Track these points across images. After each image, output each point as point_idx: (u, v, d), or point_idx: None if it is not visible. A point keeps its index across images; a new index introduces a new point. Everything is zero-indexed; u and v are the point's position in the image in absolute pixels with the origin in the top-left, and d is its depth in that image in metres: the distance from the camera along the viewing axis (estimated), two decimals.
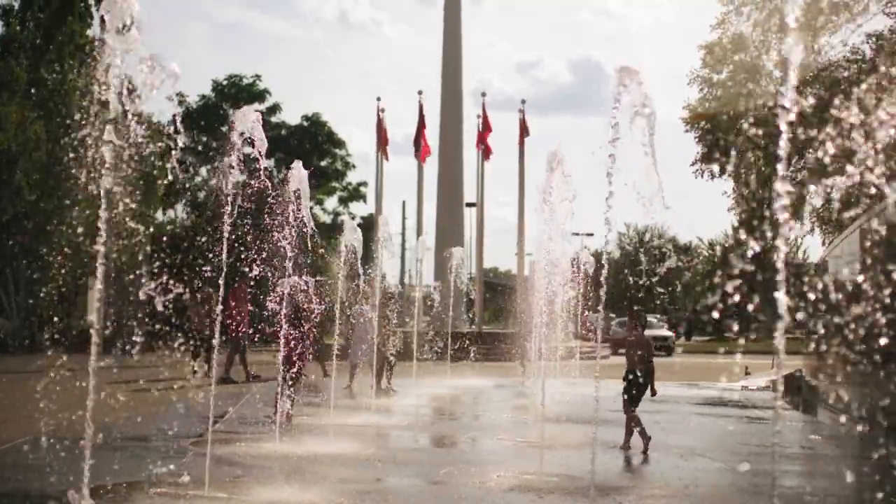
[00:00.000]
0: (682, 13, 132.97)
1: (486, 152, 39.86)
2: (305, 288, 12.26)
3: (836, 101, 3.73)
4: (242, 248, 10.51)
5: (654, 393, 11.77)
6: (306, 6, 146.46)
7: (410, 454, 11.79)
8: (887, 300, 4.86)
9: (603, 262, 8.45)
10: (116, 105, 6.25)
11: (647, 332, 41.94)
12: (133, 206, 6.48)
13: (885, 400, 9.08)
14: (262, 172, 9.38)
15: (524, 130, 39.36)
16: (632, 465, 11.09)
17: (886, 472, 7.31)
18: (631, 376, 11.61)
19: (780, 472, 10.10)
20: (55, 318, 28.01)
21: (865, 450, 9.21)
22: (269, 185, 9.90)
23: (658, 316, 49.48)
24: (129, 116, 6.32)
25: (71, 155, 6.32)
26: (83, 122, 6.24)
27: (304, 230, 10.89)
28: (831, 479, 10.10)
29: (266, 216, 10.93)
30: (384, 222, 20.31)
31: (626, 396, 11.59)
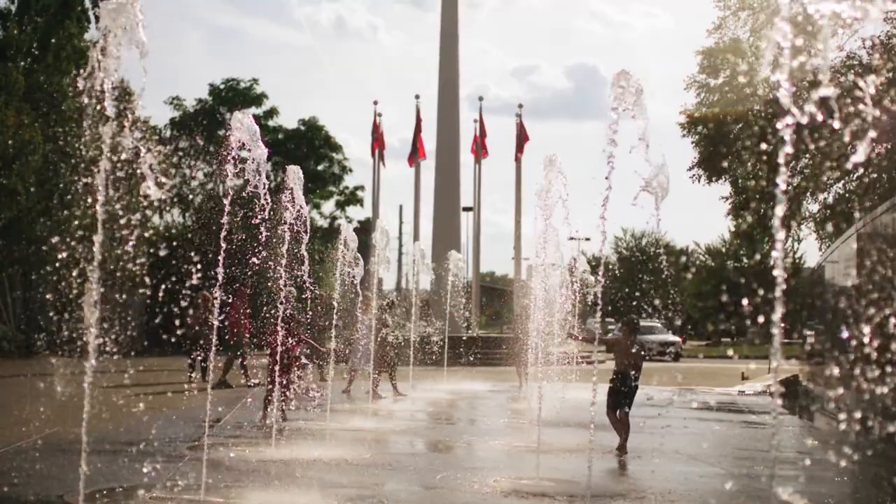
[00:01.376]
0: (680, 19, 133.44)
1: (482, 154, 39.89)
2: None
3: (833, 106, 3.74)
4: (242, 255, 10.53)
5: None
6: (302, 13, 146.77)
7: (407, 459, 11.76)
8: (883, 304, 4.86)
9: (599, 266, 8.42)
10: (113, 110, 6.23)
11: (654, 338, 41.60)
12: (130, 213, 6.46)
13: (883, 404, 9.08)
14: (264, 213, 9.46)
15: (522, 135, 39.37)
16: (629, 469, 11.08)
17: (883, 477, 7.31)
18: (618, 380, 11.70)
19: (778, 477, 10.08)
20: (52, 323, 27.91)
21: (863, 455, 9.20)
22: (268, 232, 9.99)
23: (661, 320, 49.38)
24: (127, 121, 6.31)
25: (65, 156, 6.33)
26: (80, 127, 6.23)
27: (304, 284, 11.06)
28: (829, 484, 10.09)
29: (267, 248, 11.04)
30: (383, 236, 20.09)
31: (612, 398, 11.65)
